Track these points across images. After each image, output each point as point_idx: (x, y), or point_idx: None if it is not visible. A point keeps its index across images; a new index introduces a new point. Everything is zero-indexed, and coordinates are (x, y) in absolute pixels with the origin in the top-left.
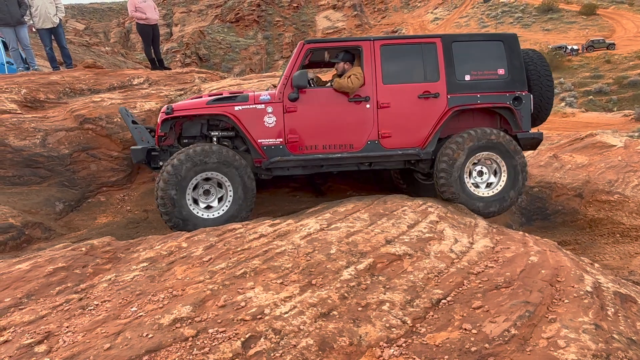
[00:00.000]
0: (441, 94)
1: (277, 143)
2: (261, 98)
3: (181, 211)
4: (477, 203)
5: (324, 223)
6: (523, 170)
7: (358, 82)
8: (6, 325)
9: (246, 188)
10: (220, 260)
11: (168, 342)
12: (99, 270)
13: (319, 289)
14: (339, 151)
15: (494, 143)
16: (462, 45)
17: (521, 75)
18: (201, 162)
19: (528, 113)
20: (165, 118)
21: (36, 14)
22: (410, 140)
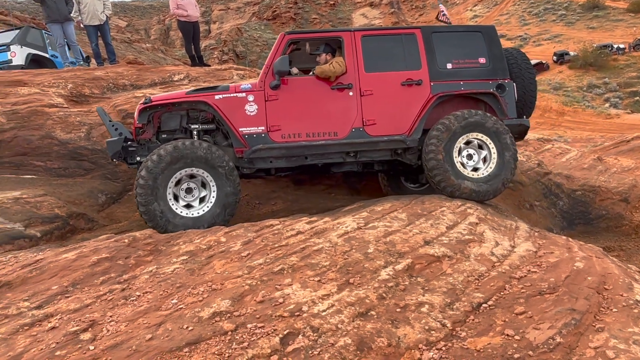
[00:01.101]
0: (424, 81)
1: (259, 131)
2: (242, 87)
3: (159, 206)
4: (467, 184)
5: (361, 222)
6: (512, 149)
7: (339, 68)
8: (53, 312)
9: (229, 193)
10: (258, 255)
11: (208, 335)
12: (140, 261)
13: (357, 288)
14: (323, 139)
15: (481, 123)
16: (442, 35)
17: (502, 63)
18: (187, 157)
19: (512, 100)
20: (142, 108)
21: (84, 10)
22: (396, 127)
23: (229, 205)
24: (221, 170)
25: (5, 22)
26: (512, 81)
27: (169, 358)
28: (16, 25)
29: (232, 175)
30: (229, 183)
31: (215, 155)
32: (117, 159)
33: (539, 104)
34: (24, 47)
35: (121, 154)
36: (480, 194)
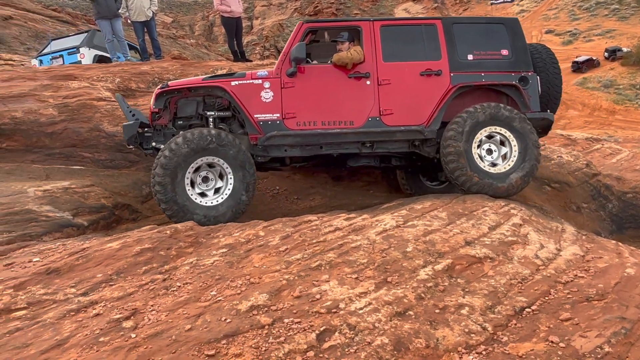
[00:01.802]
0: (444, 71)
1: (274, 118)
2: (258, 74)
3: (178, 198)
4: (485, 178)
5: (400, 220)
6: (536, 150)
7: (357, 55)
8: (98, 300)
9: (248, 186)
10: (296, 250)
11: (245, 328)
12: (181, 253)
13: (395, 287)
14: (338, 127)
15: (508, 119)
16: (463, 27)
17: (525, 56)
18: (201, 147)
19: (536, 93)
20: (159, 92)
21: (132, 7)
22: (413, 117)
23: (248, 189)
24: (234, 156)
25: (59, 19)
26: (535, 74)
27: (207, 349)
28: (68, 21)
29: (246, 159)
30: (243, 168)
31: (226, 142)
32: (133, 144)
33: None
34: (92, 49)
35: (137, 139)
36: (495, 190)
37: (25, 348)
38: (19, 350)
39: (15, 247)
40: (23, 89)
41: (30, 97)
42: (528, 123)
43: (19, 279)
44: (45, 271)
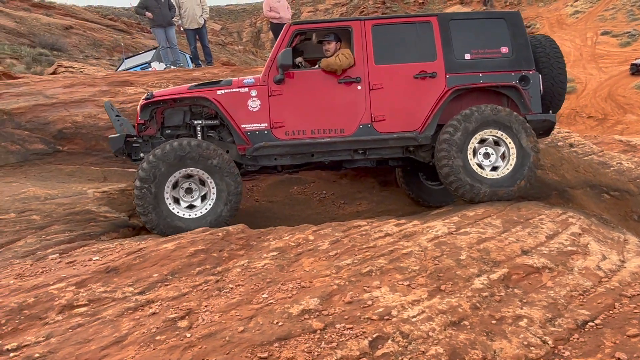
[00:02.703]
0: (439, 73)
1: (262, 128)
2: (245, 82)
3: (161, 212)
4: (481, 186)
5: (452, 226)
6: (534, 149)
7: (347, 60)
8: (154, 299)
9: (230, 185)
10: (346, 255)
11: (297, 332)
12: (233, 255)
13: (449, 296)
14: (328, 136)
15: (492, 118)
16: (461, 23)
17: (527, 53)
18: (178, 158)
19: (537, 93)
20: (145, 103)
21: (184, 15)
22: (407, 123)
23: (231, 199)
24: (215, 166)
25: (115, 27)
26: (537, 72)
27: (260, 351)
28: (124, 29)
29: (229, 168)
30: (226, 177)
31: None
32: (121, 155)
33: None
34: (161, 62)
35: (124, 150)
36: (502, 195)
37: (87, 343)
38: (81, 345)
39: (76, 245)
40: (83, 95)
41: (90, 102)
42: (526, 124)
43: (80, 277)
44: (104, 270)
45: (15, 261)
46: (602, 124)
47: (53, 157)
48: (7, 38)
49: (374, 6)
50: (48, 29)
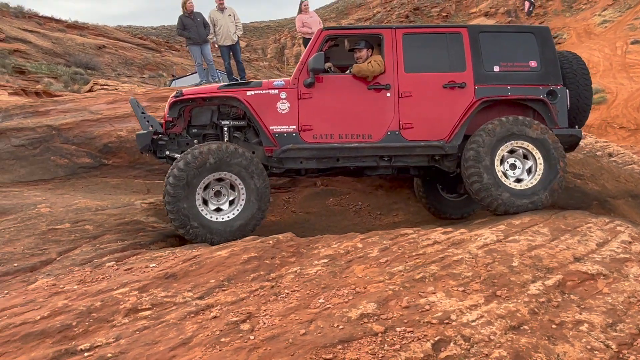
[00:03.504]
0: (468, 84)
1: (290, 130)
2: (275, 84)
3: (188, 213)
4: (507, 195)
5: (500, 234)
6: (562, 160)
7: (378, 67)
8: (214, 303)
9: (260, 192)
10: (396, 262)
11: (359, 334)
12: (285, 262)
13: (505, 301)
14: (356, 141)
15: (526, 131)
16: (490, 36)
17: (555, 68)
18: (211, 163)
19: (564, 108)
20: (174, 101)
21: (219, 32)
22: (434, 132)
23: (261, 199)
24: (240, 167)
25: (145, 46)
26: (565, 87)
27: (324, 353)
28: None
29: (254, 165)
30: (253, 177)
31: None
32: (146, 152)
33: None
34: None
35: (150, 147)
36: (521, 207)
37: (155, 345)
38: (149, 346)
39: (129, 254)
40: (126, 110)
41: (133, 117)
42: (552, 135)
43: (141, 282)
44: (163, 276)
45: (75, 268)
46: (635, 134)
47: (99, 170)
48: (45, 58)
49: (397, 20)
50: (82, 48)
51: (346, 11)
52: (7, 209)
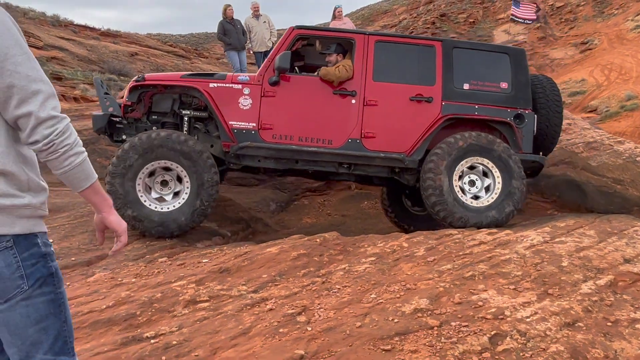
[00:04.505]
0: (435, 99)
1: (250, 128)
2: (239, 78)
3: (125, 196)
4: (464, 212)
5: (547, 236)
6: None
7: (345, 73)
8: (268, 297)
9: (205, 187)
10: (444, 261)
11: (414, 328)
12: (333, 259)
13: (558, 299)
14: (315, 145)
15: (487, 148)
16: (464, 52)
17: (526, 91)
18: (150, 150)
19: (530, 134)
20: (133, 85)
21: (254, 38)
22: (396, 144)
23: (205, 192)
24: (185, 157)
25: (175, 53)
26: (533, 112)
27: (382, 344)
28: (183, 55)
29: (201, 159)
30: (198, 168)
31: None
32: (102, 134)
33: None
34: None
35: (106, 130)
36: (477, 224)
37: (216, 334)
38: (211, 335)
39: (178, 250)
40: None
41: None
42: (514, 156)
43: (197, 276)
44: (218, 270)
45: (129, 263)
46: None
47: None
48: (80, 65)
49: (423, 27)
50: (116, 55)
51: (372, 18)
52: (61, 207)
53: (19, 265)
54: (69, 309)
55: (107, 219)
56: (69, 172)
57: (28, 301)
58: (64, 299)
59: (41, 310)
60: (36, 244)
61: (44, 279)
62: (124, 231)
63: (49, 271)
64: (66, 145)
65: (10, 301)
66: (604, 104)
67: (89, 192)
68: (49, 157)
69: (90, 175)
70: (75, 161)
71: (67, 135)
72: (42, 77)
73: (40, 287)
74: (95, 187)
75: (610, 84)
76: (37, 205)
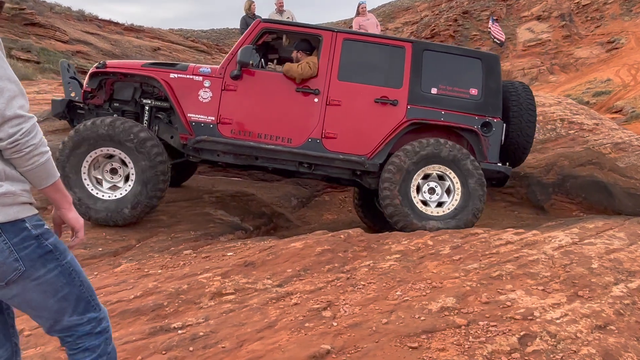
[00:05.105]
0: (400, 102)
1: (208, 121)
2: (201, 70)
3: (70, 180)
4: (433, 223)
5: (575, 237)
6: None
7: (309, 71)
8: (293, 291)
9: (150, 176)
10: (470, 260)
11: (441, 326)
12: (357, 256)
13: (589, 301)
14: (274, 143)
15: (435, 154)
16: (435, 55)
17: (496, 99)
18: (102, 135)
19: (497, 143)
20: (93, 72)
21: None
22: (357, 146)
23: (149, 181)
24: (130, 144)
25: (196, 49)
26: (502, 121)
27: (409, 341)
28: (204, 50)
29: (145, 148)
30: (142, 157)
31: (120, 130)
32: (61, 119)
33: None
34: None
35: (65, 115)
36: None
37: (242, 326)
38: (237, 327)
39: (202, 243)
40: None
41: None
42: (475, 164)
43: (222, 269)
44: (243, 263)
45: (155, 255)
46: None
47: None
48: (104, 59)
49: (445, 24)
50: (139, 50)
51: (393, 15)
52: None
53: (11, 250)
54: (82, 272)
55: (65, 215)
56: (31, 170)
57: (39, 281)
58: (72, 266)
59: (55, 284)
60: (25, 228)
61: (43, 258)
62: (81, 227)
63: (46, 249)
64: (31, 146)
65: (16, 284)
66: (629, 104)
67: (50, 189)
68: (13, 155)
69: (51, 174)
70: (39, 161)
71: (32, 135)
72: (10, 76)
73: (43, 265)
74: (56, 185)
75: (637, 84)
76: (16, 192)
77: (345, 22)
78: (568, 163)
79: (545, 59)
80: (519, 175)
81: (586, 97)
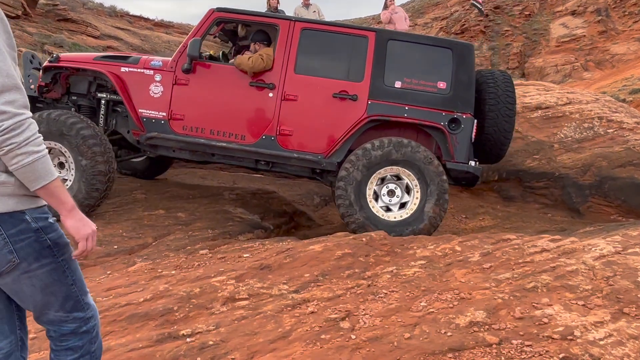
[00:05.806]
0: (360, 97)
1: (159, 117)
2: (152, 63)
3: None
4: (381, 227)
5: (618, 245)
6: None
7: (261, 64)
8: (310, 298)
9: (90, 175)
10: (502, 269)
11: (470, 344)
12: (379, 260)
13: (636, 320)
14: (227, 140)
15: (405, 156)
16: (401, 45)
17: (467, 93)
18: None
19: (466, 140)
20: (46, 66)
21: None
22: (314, 144)
23: (90, 180)
24: (71, 141)
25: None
26: (472, 117)
27: None
28: None
29: (86, 145)
30: (83, 155)
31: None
32: None
33: None
34: None
35: None
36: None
37: (254, 336)
38: (249, 337)
39: (220, 242)
40: None
41: None
42: (437, 166)
43: (237, 272)
44: (258, 266)
45: (170, 254)
46: None
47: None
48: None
49: (476, 19)
50: (168, 45)
51: (422, 10)
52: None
53: (6, 241)
54: (78, 271)
55: (63, 222)
56: (16, 170)
57: (30, 274)
58: (67, 265)
59: (45, 280)
60: (24, 221)
61: (39, 252)
62: (82, 238)
63: (44, 244)
64: (12, 144)
65: (9, 274)
66: None
67: (42, 193)
68: None
69: (41, 176)
70: (23, 161)
71: (15, 132)
72: (2, 68)
73: (37, 259)
74: (49, 188)
75: None
76: (15, 182)
77: (374, 18)
78: (606, 164)
79: (580, 55)
80: (554, 176)
81: (622, 94)
